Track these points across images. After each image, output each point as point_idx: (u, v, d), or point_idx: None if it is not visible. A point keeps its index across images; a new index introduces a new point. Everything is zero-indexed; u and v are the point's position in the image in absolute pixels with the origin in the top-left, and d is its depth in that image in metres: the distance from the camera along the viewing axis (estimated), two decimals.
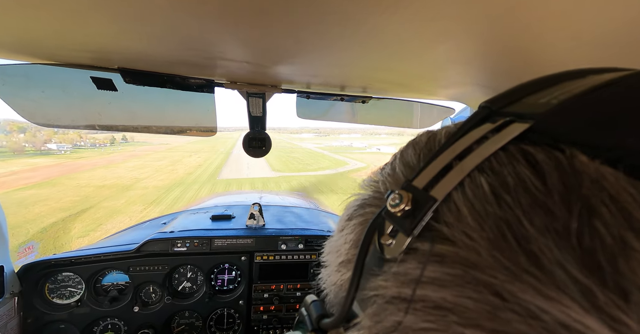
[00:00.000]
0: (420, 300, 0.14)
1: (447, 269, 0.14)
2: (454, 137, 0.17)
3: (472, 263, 0.13)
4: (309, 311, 0.24)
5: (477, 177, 0.15)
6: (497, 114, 0.17)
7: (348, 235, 0.22)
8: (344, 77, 0.70)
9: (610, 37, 0.34)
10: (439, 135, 0.21)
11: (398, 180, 0.21)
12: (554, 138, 0.14)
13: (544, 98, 0.16)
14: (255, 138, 0.92)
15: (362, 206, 0.22)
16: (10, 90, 0.70)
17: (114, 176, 27.90)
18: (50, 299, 1.02)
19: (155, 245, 1.07)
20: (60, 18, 0.40)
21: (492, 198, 0.14)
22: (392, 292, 0.15)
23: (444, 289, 0.14)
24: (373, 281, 0.17)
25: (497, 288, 0.12)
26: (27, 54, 0.61)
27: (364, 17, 0.34)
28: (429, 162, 0.17)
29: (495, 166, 0.15)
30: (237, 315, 1.15)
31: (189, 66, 0.65)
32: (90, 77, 0.69)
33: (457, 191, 0.15)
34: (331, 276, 0.23)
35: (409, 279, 0.15)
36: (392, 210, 0.17)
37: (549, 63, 0.45)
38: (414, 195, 0.16)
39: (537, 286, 0.11)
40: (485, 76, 0.59)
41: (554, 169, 0.13)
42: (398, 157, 0.23)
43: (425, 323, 0.14)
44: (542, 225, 0.12)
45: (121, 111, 0.83)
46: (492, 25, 0.34)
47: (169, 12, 0.36)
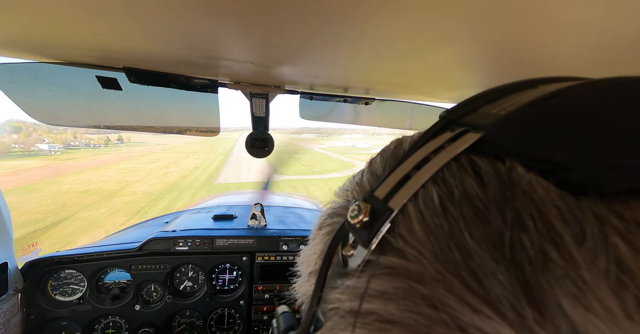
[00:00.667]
0: (369, 314, 0.14)
1: (395, 283, 0.14)
2: (415, 146, 0.17)
3: (417, 276, 0.13)
4: (278, 322, 0.24)
5: (430, 188, 0.15)
6: (455, 124, 0.17)
7: (317, 245, 0.22)
8: (347, 79, 0.71)
9: (614, 42, 0.34)
10: (405, 143, 0.21)
11: (364, 189, 0.20)
12: (499, 148, 0.14)
13: (495, 109, 0.16)
14: (258, 139, 0.92)
15: (331, 215, 0.22)
16: (17, 88, 0.71)
17: (101, 180, 24.93)
18: (53, 296, 1.02)
19: (157, 243, 1.08)
20: (67, 18, 0.40)
21: (440, 210, 0.14)
22: (346, 306, 0.15)
23: (390, 302, 0.13)
24: (332, 294, 0.17)
25: (433, 300, 0.12)
26: (34, 53, 0.62)
27: (369, 19, 0.34)
28: (390, 172, 0.17)
29: (446, 177, 0.15)
30: (238, 315, 1.15)
31: (193, 66, 0.65)
32: (96, 76, 0.70)
33: (411, 202, 0.15)
34: (302, 286, 0.23)
35: (359, 293, 0.15)
36: (352, 221, 0.16)
37: (554, 68, 0.45)
38: (372, 205, 0.16)
39: (468, 300, 0.12)
40: (489, 79, 0.59)
41: (495, 180, 0.13)
42: (367, 165, 0.23)
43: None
44: (480, 237, 0.12)
45: (125, 110, 0.84)
46: (497, 28, 0.34)
47: (174, 12, 0.36)
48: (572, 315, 0.10)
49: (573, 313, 0.10)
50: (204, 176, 25.85)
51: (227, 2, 0.32)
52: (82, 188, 21.77)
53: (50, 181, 24.83)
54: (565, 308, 0.10)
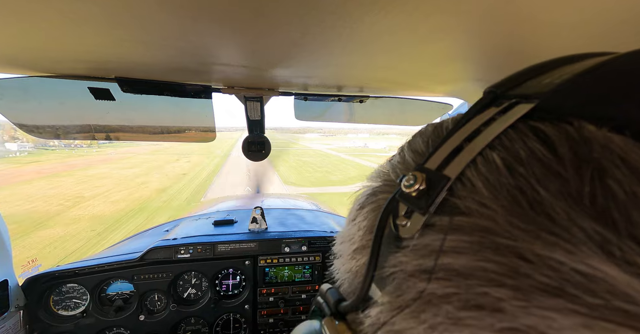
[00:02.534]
0: (441, 269, 0.15)
1: (466, 237, 0.15)
2: (462, 122, 0.19)
3: (489, 229, 0.14)
4: (326, 297, 0.25)
5: (489, 154, 0.16)
6: (502, 97, 0.19)
7: (361, 222, 0.23)
8: (341, 78, 0.71)
9: (608, 30, 0.34)
10: (446, 123, 0.23)
11: (409, 165, 0.22)
12: (560, 113, 0.16)
13: (546, 79, 0.18)
14: (254, 142, 0.92)
15: (374, 194, 0.23)
16: (9, 104, 0.70)
17: (44, 196, 17.76)
18: (56, 311, 1.01)
19: (159, 252, 1.07)
20: (54, 29, 0.40)
21: (505, 170, 0.15)
22: (412, 266, 0.16)
23: (463, 255, 0.14)
24: (392, 259, 0.18)
25: (516, 248, 0.13)
26: (24, 67, 0.61)
27: (360, 17, 0.34)
28: (439, 146, 0.18)
29: (505, 142, 0.16)
30: (243, 320, 1.15)
31: (185, 72, 0.65)
32: (88, 87, 0.70)
33: (469, 168, 0.16)
34: (345, 264, 0.24)
35: (429, 251, 0.16)
36: (407, 190, 0.18)
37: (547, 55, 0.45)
38: (427, 175, 0.17)
39: (555, 242, 0.12)
40: (483, 71, 0.59)
41: (564, 139, 0.14)
42: (406, 146, 0.24)
43: (448, 288, 0.14)
44: (556, 190, 0.13)
45: (120, 120, 0.83)
46: (487, 19, 0.34)
47: (164, 19, 0.36)
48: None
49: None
50: (189, 189, 18.95)
51: (217, 7, 0.32)
52: (6, 209, 14.57)
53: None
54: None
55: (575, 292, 0.12)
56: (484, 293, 0.13)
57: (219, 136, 0.98)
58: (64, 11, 0.34)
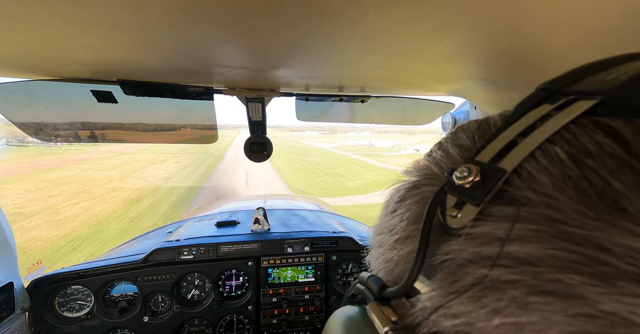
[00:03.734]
0: (506, 257, 0.15)
1: (531, 226, 0.15)
2: (514, 117, 0.19)
3: (555, 218, 0.14)
4: (368, 284, 0.25)
5: (550, 148, 0.16)
6: (558, 94, 0.19)
7: (404, 214, 0.23)
8: (342, 78, 0.71)
9: (610, 25, 0.34)
10: (492, 120, 0.23)
11: (454, 160, 0.22)
12: (629, 108, 0.16)
13: (610, 76, 0.18)
14: (256, 143, 0.92)
15: (416, 187, 0.23)
16: (13, 108, 0.71)
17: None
18: (61, 313, 1.02)
19: (162, 254, 1.07)
20: (57, 33, 0.40)
21: (571, 163, 0.15)
22: (469, 253, 0.16)
23: (529, 244, 0.15)
24: (444, 248, 0.18)
25: (590, 237, 0.13)
26: (27, 71, 0.62)
27: (360, 17, 0.34)
28: (490, 140, 0.19)
29: (568, 137, 0.16)
30: (247, 321, 1.15)
31: (187, 74, 0.65)
32: (91, 90, 0.70)
33: (527, 161, 0.17)
34: (385, 254, 0.24)
35: (491, 239, 0.16)
36: (460, 182, 0.18)
37: (549, 53, 0.45)
38: (481, 168, 0.18)
39: (636, 231, 0.12)
40: (484, 70, 0.59)
41: (638, 134, 0.15)
42: (448, 142, 0.24)
43: (514, 275, 0.14)
44: (632, 183, 0.14)
45: (122, 122, 0.83)
46: (488, 18, 0.34)
47: (165, 22, 0.36)
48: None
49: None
50: (169, 201, 13.45)
51: (218, 9, 0.32)
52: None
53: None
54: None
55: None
56: (556, 279, 0.13)
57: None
58: (67, 16, 0.34)
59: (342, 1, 0.30)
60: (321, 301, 1.19)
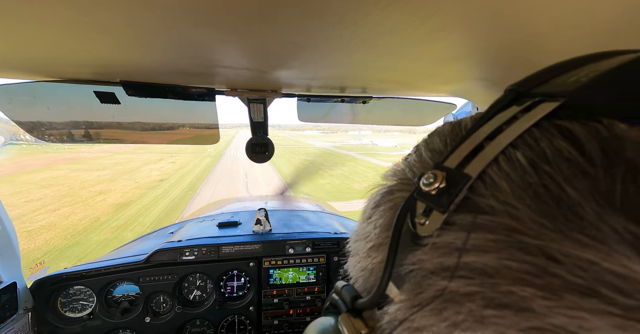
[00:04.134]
0: (464, 267, 0.15)
1: (490, 236, 0.14)
2: (482, 120, 0.19)
3: (513, 228, 0.14)
4: (341, 294, 0.24)
5: (512, 153, 0.16)
6: (525, 96, 0.18)
7: (377, 220, 0.23)
8: (344, 79, 0.71)
9: (611, 24, 0.34)
10: (464, 122, 0.23)
11: (426, 164, 0.22)
12: (589, 111, 0.15)
13: (572, 78, 0.17)
14: (258, 144, 0.93)
15: (390, 192, 0.23)
16: (17, 109, 0.71)
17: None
18: (63, 313, 1.02)
19: (164, 254, 1.08)
20: (61, 35, 0.40)
21: (531, 169, 0.15)
22: (433, 264, 0.16)
23: (487, 254, 0.14)
24: (410, 257, 0.18)
25: (543, 248, 0.13)
26: (31, 72, 0.63)
27: (362, 18, 0.34)
28: (458, 144, 0.18)
29: (529, 141, 0.16)
30: (248, 322, 1.15)
31: (189, 76, 0.66)
32: (94, 91, 0.71)
33: (491, 167, 0.16)
34: (360, 262, 0.24)
35: (451, 250, 0.16)
36: (426, 188, 0.18)
37: (550, 53, 0.45)
38: (447, 173, 0.17)
39: (586, 242, 0.12)
40: (486, 70, 0.59)
41: (593, 138, 0.14)
42: (422, 145, 0.24)
43: (471, 286, 0.14)
44: (585, 189, 0.13)
45: (125, 123, 0.84)
46: (489, 18, 0.34)
47: (167, 23, 0.36)
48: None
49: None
50: (160, 206, 12.35)
51: (219, 11, 0.33)
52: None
53: None
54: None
55: (609, 293, 0.11)
56: (509, 291, 0.13)
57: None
58: (69, 19, 0.34)
59: (344, 3, 0.30)
60: (322, 302, 1.19)
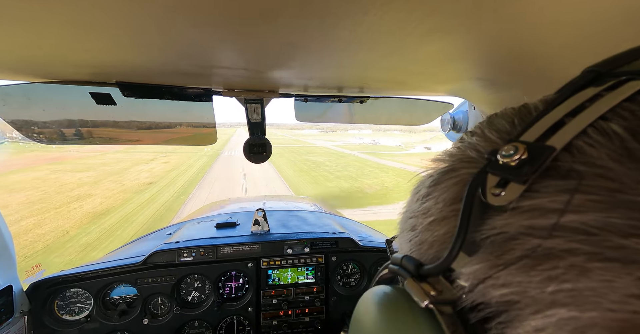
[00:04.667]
0: (562, 228, 0.15)
1: (591, 196, 0.15)
2: (558, 100, 0.19)
3: (614, 188, 0.14)
4: (402, 264, 0.25)
5: (603, 125, 0.16)
6: (607, 76, 0.19)
7: (440, 196, 0.23)
8: (341, 78, 0.71)
9: (609, 27, 0.34)
10: (533, 105, 0.23)
11: (494, 142, 0.22)
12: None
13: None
14: (255, 144, 0.92)
15: (453, 170, 0.23)
16: (12, 111, 0.70)
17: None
18: (60, 316, 1.01)
19: (162, 256, 1.07)
20: (56, 35, 0.40)
21: (629, 137, 0.15)
22: (518, 227, 0.17)
23: (588, 213, 0.15)
24: (488, 223, 0.18)
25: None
26: (25, 73, 0.62)
27: (359, 18, 0.34)
28: (534, 121, 0.19)
29: (624, 114, 0.16)
30: (247, 322, 1.15)
31: (186, 76, 0.65)
32: (89, 92, 0.70)
33: (579, 139, 0.17)
34: (418, 236, 0.24)
35: (545, 211, 0.16)
36: (505, 160, 0.18)
37: (547, 53, 0.45)
38: (528, 146, 0.18)
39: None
40: (483, 70, 0.59)
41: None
42: (484, 127, 0.24)
43: (572, 243, 0.14)
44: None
45: (121, 125, 0.83)
46: (486, 18, 0.34)
47: (163, 23, 0.36)
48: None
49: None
50: (145, 216, 10.74)
51: (215, 11, 0.32)
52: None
53: None
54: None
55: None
56: (621, 246, 0.13)
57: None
58: (65, 19, 0.34)
59: (342, 2, 0.30)
60: (321, 302, 1.19)
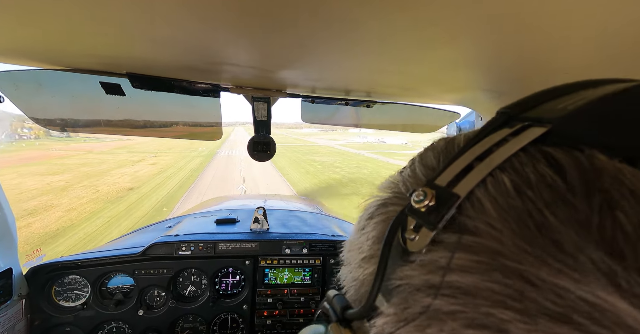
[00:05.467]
0: (448, 286, 0.15)
1: (474, 257, 0.15)
2: (474, 140, 0.19)
3: (497, 251, 0.14)
4: (332, 304, 0.25)
5: (499, 175, 0.16)
6: (516, 119, 0.19)
7: (370, 232, 0.23)
8: (349, 81, 0.71)
9: (616, 38, 0.34)
10: (458, 140, 0.23)
11: (419, 180, 0.22)
12: (573, 140, 0.16)
13: (561, 104, 0.18)
14: (260, 142, 0.93)
15: (384, 205, 0.23)
16: (22, 95, 0.72)
17: None
18: (57, 302, 1.02)
19: (160, 248, 1.08)
20: (74, 26, 0.41)
21: (514, 193, 0.15)
22: (420, 280, 0.17)
23: (471, 275, 0.15)
24: (399, 272, 0.18)
25: (523, 272, 0.13)
26: (38, 60, 0.63)
27: (368, 21, 0.34)
28: (450, 163, 0.19)
29: (516, 165, 0.16)
30: (241, 320, 1.15)
31: (195, 71, 0.66)
32: (100, 82, 0.71)
33: (479, 188, 0.17)
34: (352, 272, 0.24)
35: (436, 267, 0.16)
36: (417, 205, 0.18)
37: (556, 68, 0.44)
38: (437, 192, 0.18)
39: (562, 269, 0.13)
40: (492, 80, 0.58)
41: (574, 167, 0.15)
42: (417, 160, 0.24)
43: (454, 305, 0.15)
44: (564, 217, 0.13)
45: (128, 115, 0.84)
46: (497, 28, 0.34)
47: (176, 18, 0.36)
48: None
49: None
50: (116, 233, 7.05)
51: (226, 9, 0.33)
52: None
53: None
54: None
55: (581, 320, 0.12)
56: (489, 313, 0.13)
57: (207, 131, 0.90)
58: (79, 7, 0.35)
59: (352, 8, 0.30)
60: (317, 304, 1.18)
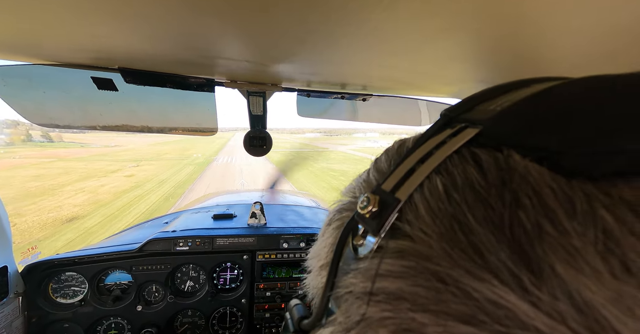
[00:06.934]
0: (380, 292, 0.15)
1: (403, 262, 0.15)
2: (418, 143, 0.19)
3: (425, 255, 0.15)
4: (292, 314, 0.25)
5: (434, 178, 0.16)
6: (456, 120, 0.19)
7: (327, 240, 0.23)
8: (345, 75, 0.70)
9: (612, 34, 0.34)
10: (408, 142, 0.23)
11: (371, 184, 0.22)
12: (497, 140, 0.16)
13: (492, 106, 0.18)
14: (256, 137, 0.92)
15: (340, 211, 0.23)
16: (12, 91, 0.70)
17: None
18: (54, 299, 1.02)
19: (158, 244, 1.07)
20: (60, 18, 0.39)
21: (445, 196, 0.15)
22: (359, 287, 0.17)
23: (399, 280, 0.15)
24: (345, 280, 0.18)
25: (440, 274, 0.14)
26: (28, 55, 0.61)
27: (365, 15, 0.33)
28: (396, 167, 0.19)
29: (449, 167, 0.16)
30: (240, 314, 1.16)
31: (189, 65, 0.65)
32: (91, 77, 0.69)
33: (417, 192, 0.17)
34: (314, 280, 0.24)
35: (370, 274, 0.16)
36: (362, 212, 0.18)
37: (551, 58, 0.44)
38: (381, 197, 0.17)
39: (472, 271, 0.13)
40: (488, 73, 0.58)
41: (494, 167, 0.15)
42: (373, 164, 0.24)
43: (384, 312, 0.15)
44: (482, 218, 0.14)
45: (122, 111, 0.83)
46: (493, 21, 0.34)
47: (169, 11, 0.35)
48: (565, 276, 0.11)
49: (565, 274, 0.11)
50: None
51: (220, 1, 0.32)
52: None
53: None
54: (559, 270, 0.12)
55: (485, 319, 0.12)
56: (413, 318, 0.14)
57: (205, 138, 0.93)
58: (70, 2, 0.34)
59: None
60: None
